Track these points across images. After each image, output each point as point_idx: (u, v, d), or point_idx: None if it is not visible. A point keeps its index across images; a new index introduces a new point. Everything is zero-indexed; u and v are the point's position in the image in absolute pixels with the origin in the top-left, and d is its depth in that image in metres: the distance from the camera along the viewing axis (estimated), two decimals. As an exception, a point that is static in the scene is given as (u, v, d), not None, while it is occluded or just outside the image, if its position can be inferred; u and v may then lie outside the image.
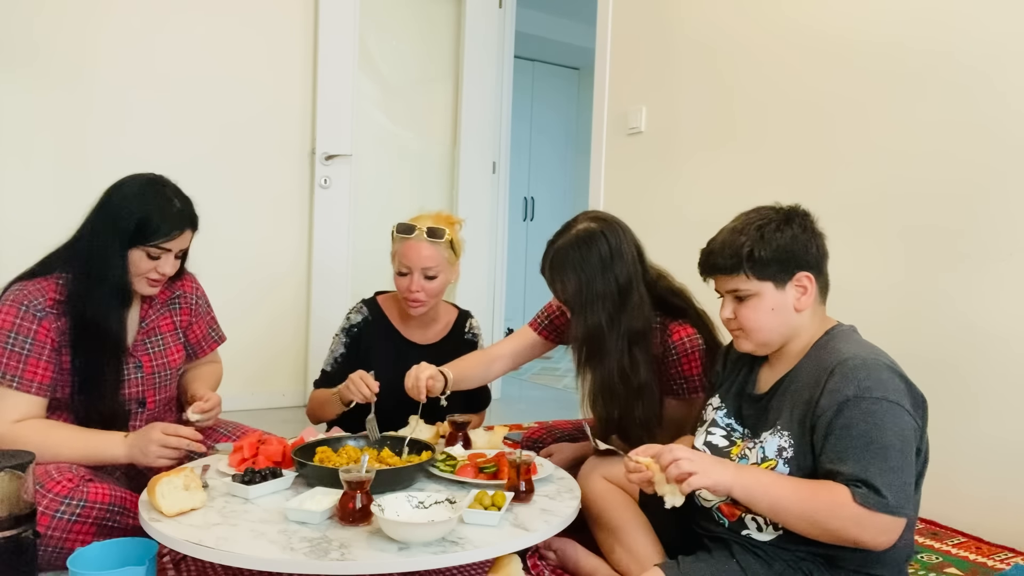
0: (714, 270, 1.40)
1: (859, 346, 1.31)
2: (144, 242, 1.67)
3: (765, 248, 1.34)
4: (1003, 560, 1.85)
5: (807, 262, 1.36)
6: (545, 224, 6.50)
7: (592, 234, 1.75)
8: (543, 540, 1.46)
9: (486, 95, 3.96)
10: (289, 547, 1.25)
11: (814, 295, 1.37)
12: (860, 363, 1.25)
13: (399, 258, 2.11)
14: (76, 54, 2.99)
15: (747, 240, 1.35)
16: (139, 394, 1.80)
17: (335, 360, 2.23)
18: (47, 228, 1.80)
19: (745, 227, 1.37)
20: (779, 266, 1.35)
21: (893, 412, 1.21)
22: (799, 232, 1.36)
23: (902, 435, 1.20)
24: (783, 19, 2.59)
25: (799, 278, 1.35)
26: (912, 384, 1.28)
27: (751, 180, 2.65)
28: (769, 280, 1.35)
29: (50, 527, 1.47)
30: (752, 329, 1.39)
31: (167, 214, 1.68)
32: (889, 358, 1.31)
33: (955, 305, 2.09)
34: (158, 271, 1.72)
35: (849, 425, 1.21)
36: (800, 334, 1.39)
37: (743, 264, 1.35)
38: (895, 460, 1.19)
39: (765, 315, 1.36)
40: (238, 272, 3.31)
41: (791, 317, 1.37)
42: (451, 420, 1.87)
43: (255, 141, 3.38)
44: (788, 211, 1.40)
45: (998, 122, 2.01)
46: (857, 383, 1.23)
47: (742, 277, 1.36)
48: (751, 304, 1.37)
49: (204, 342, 1.99)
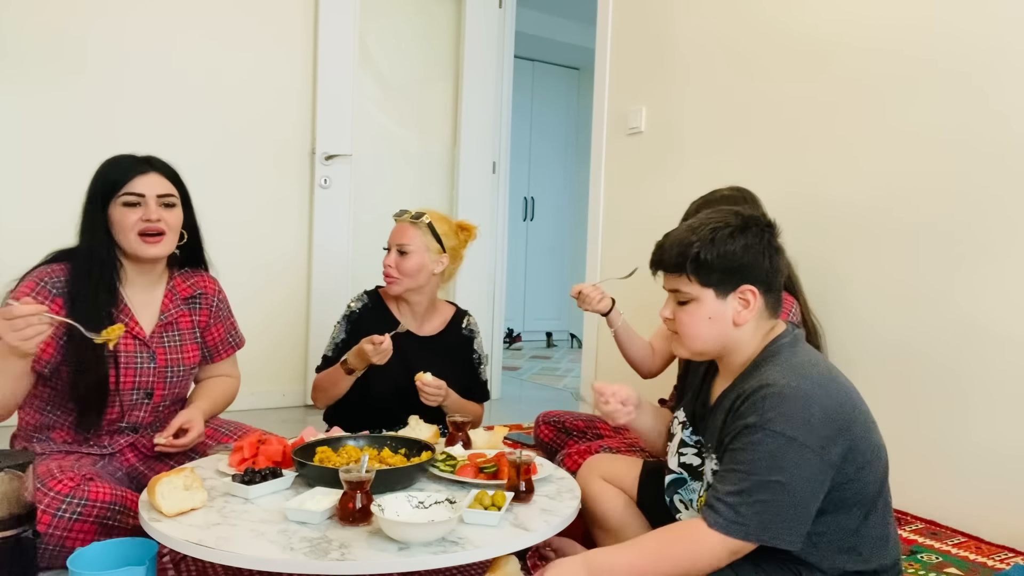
0: (660, 266, 1.36)
1: (787, 371, 1.24)
2: (114, 192, 1.72)
3: (713, 253, 1.28)
4: (1003, 560, 1.85)
5: (755, 275, 1.29)
6: (545, 224, 6.50)
7: (735, 197, 2.03)
8: (543, 540, 1.46)
9: (486, 95, 3.96)
10: (289, 547, 1.25)
11: (757, 311, 1.30)
12: (773, 392, 1.19)
13: (390, 238, 2.28)
14: (75, 55, 2.99)
15: (697, 241, 1.29)
16: (148, 385, 1.80)
17: (336, 345, 2.28)
18: (47, 229, 1.81)
19: (700, 227, 1.31)
20: (724, 275, 1.29)
21: (787, 449, 1.16)
22: (753, 242, 1.29)
23: (789, 472, 1.15)
24: (783, 20, 2.59)
25: (743, 291, 1.30)
26: (842, 413, 1.21)
27: (751, 180, 2.64)
28: (711, 287, 1.30)
29: (51, 526, 1.47)
30: (686, 335, 1.34)
31: (125, 160, 1.77)
32: (823, 380, 1.23)
33: (954, 304, 2.09)
34: (144, 219, 1.72)
35: (740, 450, 1.19)
36: (740, 348, 1.33)
37: (687, 266, 1.30)
38: (767, 494, 1.15)
39: (701, 323, 1.31)
40: (238, 272, 3.29)
41: (728, 329, 1.31)
42: (451, 420, 1.87)
43: (255, 141, 3.38)
44: (748, 218, 1.32)
45: (999, 122, 2.01)
46: (761, 413, 1.18)
47: (684, 279, 1.31)
48: (689, 309, 1.32)
49: (221, 346, 1.99)
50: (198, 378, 2.00)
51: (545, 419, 2.40)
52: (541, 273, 6.51)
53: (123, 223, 1.72)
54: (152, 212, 1.73)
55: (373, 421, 2.14)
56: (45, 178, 2.95)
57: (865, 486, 1.25)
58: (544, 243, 6.51)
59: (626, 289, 2.13)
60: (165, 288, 1.86)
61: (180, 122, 3.20)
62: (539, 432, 2.40)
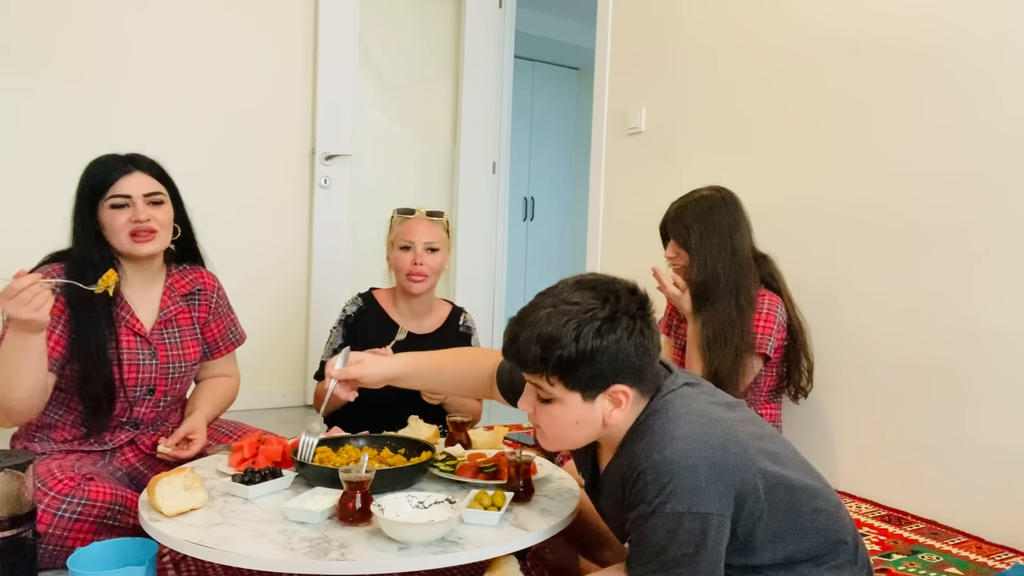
0: (516, 360, 1.19)
1: (660, 440, 1.14)
2: (101, 194, 1.72)
3: (577, 355, 1.12)
4: (1003, 560, 1.85)
5: (627, 373, 1.16)
6: (545, 224, 6.50)
7: (714, 197, 2.13)
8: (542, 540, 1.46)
9: (486, 95, 3.96)
10: (289, 547, 1.25)
11: (630, 406, 1.19)
12: (651, 478, 1.11)
13: (401, 235, 2.23)
14: (75, 55, 2.99)
15: (560, 341, 1.12)
16: (150, 381, 1.80)
17: (333, 351, 2.28)
18: (47, 229, 1.80)
19: (561, 320, 1.13)
20: (592, 379, 1.15)
21: (683, 524, 1.09)
22: (624, 337, 1.13)
23: (695, 543, 1.10)
24: (782, 19, 2.59)
25: (614, 391, 1.16)
26: (727, 459, 1.13)
27: (751, 180, 2.65)
28: (577, 391, 1.16)
29: (51, 525, 1.48)
30: (550, 436, 1.24)
31: (108, 163, 1.76)
32: (697, 433, 1.14)
33: (955, 305, 2.09)
34: (133, 220, 1.72)
35: (644, 536, 1.13)
36: (614, 434, 1.22)
37: (548, 368, 1.14)
38: (683, 568, 1.11)
39: (567, 426, 1.19)
40: (237, 272, 3.28)
41: (597, 428, 1.20)
42: (451, 420, 1.87)
43: (255, 141, 3.38)
44: (616, 305, 1.15)
45: (1001, 121, 2.01)
46: (649, 500, 1.11)
47: (544, 380, 1.16)
48: (552, 410, 1.19)
49: (221, 342, 1.99)
50: (198, 377, 2.00)
51: None
52: (541, 273, 6.50)
53: (113, 225, 1.72)
54: (140, 212, 1.73)
55: (373, 421, 2.14)
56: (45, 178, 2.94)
57: (781, 508, 1.19)
58: (544, 243, 6.51)
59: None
60: (163, 285, 1.87)
61: (180, 122, 3.19)
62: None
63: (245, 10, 3.34)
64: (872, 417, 2.27)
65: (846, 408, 2.33)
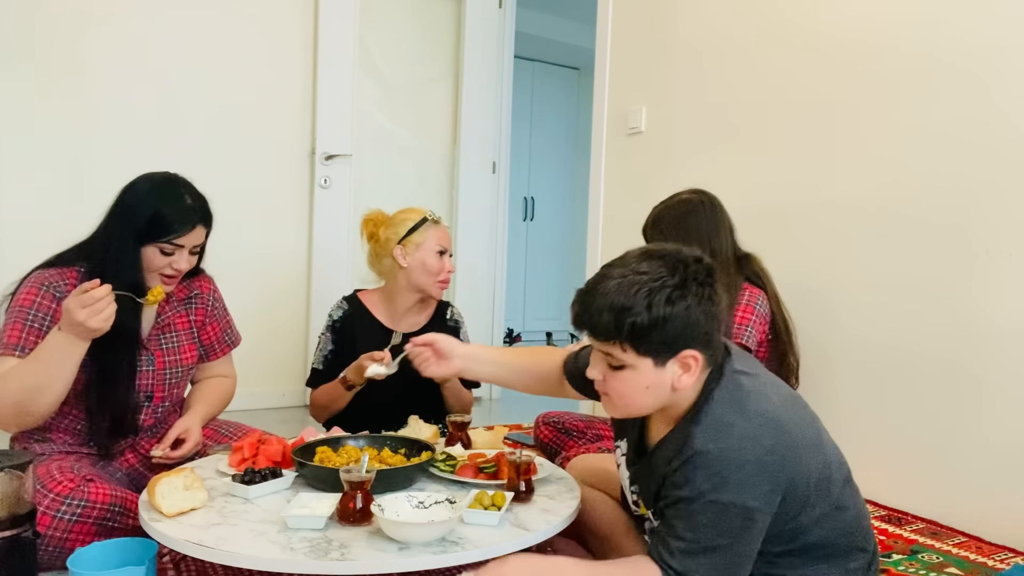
0: (586, 328, 1.22)
1: (719, 427, 1.18)
2: (157, 238, 1.69)
3: (650, 321, 1.15)
4: (1003, 560, 1.85)
5: (696, 338, 1.18)
6: (545, 224, 6.50)
7: (692, 201, 2.07)
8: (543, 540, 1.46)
9: (486, 95, 3.96)
10: (289, 547, 1.25)
11: (699, 372, 1.21)
12: (703, 462, 1.15)
13: (436, 240, 2.24)
14: (76, 54, 2.99)
15: (632, 308, 1.15)
16: (148, 388, 1.80)
17: (325, 357, 2.28)
18: (48, 230, 1.81)
19: (632, 289, 1.16)
20: (663, 344, 1.17)
21: (726, 514, 1.13)
22: (694, 304, 1.16)
23: (733, 534, 1.14)
24: (782, 19, 2.59)
25: (684, 356, 1.19)
26: (776, 459, 1.15)
27: (751, 180, 2.65)
28: (649, 357, 1.18)
29: (51, 527, 1.47)
30: (619, 403, 1.25)
31: (179, 210, 1.70)
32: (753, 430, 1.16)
33: (955, 304, 2.09)
34: (172, 267, 1.73)
35: (680, 519, 1.17)
36: (679, 403, 1.25)
37: (622, 335, 1.16)
38: (718, 557, 1.14)
39: (637, 391, 1.21)
40: (237, 272, 3.30)
41: (666, 394, 1.22)
42: (451, 420, 1.87)
43: (255, 141, 3.38)
44: (685, 272, 1.18)
45: (1003, 120, 2.01)
46: (693, 484, 1.15)
47: (617, 347, 1.18)
48: (623, 376, 1.21)
49: (217, 344, 1.98)
50: (195, 379, 2.00)
51: (545, 420, 2.40)
52: (541, 273, 6.50)
53: (152, 263, 1.71)
54: (183, 263, 1.74)
55: (373, 421, 2.14)
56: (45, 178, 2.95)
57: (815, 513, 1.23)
58: (544, 243, 6.51)
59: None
60: None
61: (180, 122, 3.19)
62: (539, 433, 2.40)
63: (245, 10, 3.34)
64: (872, 417, 2.27)
65: (845, 407, 2.33)
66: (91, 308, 1.45)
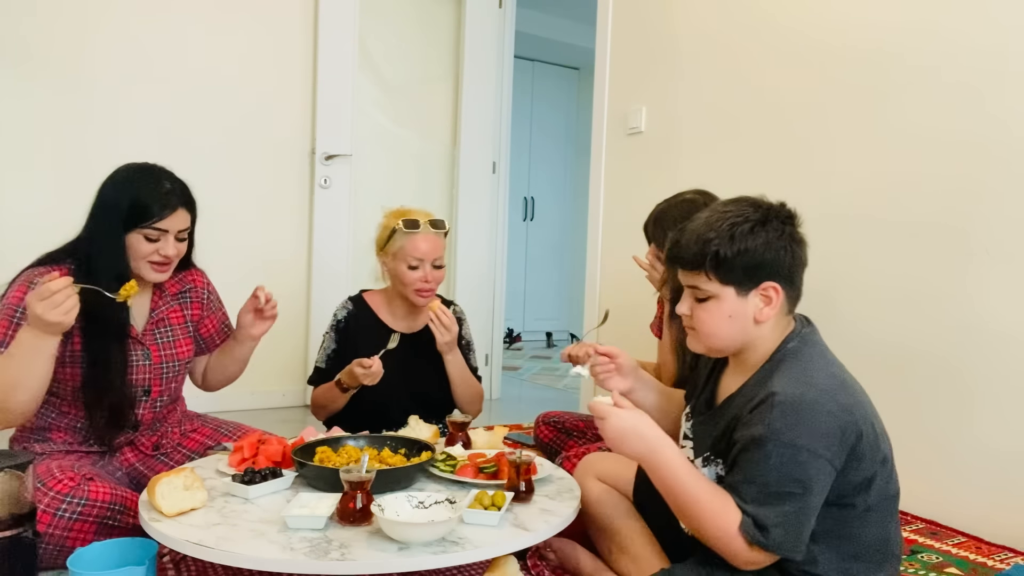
0: (676, 262, 1.32)
1: (795, 378, 1.22)
2: (138, 223, 1.69)
3: (733, 250, 1.24)
4: (1003, 560, 1.85)
5: (777, 271, 1.26)
6: (545, 224, 6.50)
7: (696, 201, 1.96)
8: (543, 540, 1.46)
9: (486, 95, 3.96)
10: (289, 547, 1.25)
11: (779, 307, 1.27)
12: (780, 402, 1.18)
13: (408, 252, 2.16)
14: (75, 54, 2.99)
15: (715, 238, 1.25)
16: (145, 382, 1.81)
17: (327, 356, 2.29)
18: (47, 229, 1.81)
19: (718, 222, 1.26)
20: (745, 272, 1.25)
21: (798, 458, 1.16)
22: (774, 238, 1.25)
23: (804, 482, 1.16)
24: (783, 20, 2.59)
25: (765, 288, 1.26)
26: (851, 419, 1.20)
27: (751, 180, 2.64)
28: (732, 285, 1.26)
29: (51, 525, 1.48)
30: (704, 332, 1.31)
31: (158, 194, 1.71)
32: (831, 386, 1.22)
33: (954, 303, 2.09)
34: (160, 253, 1.73)
35: (751, 463, 1.19)
36: (758, 345, 1.30)
37: (706, 263, 1.26)
38: (789, 505, 1.16)
39: (721, 321, 1.28)
40: (237, 272, 3.27)
41: (749, 327, 1.28)
42: (451, 420, 1.87)
43: (255, 141, 3.38)
44: (768, 210, 1.28)
45: (1002, 123, 2.01)
46: (769, 424, 1.17)
47: (703, 276, 1.27)
48: (708, 306, 1.29)
49: (217, 336, 2.01)
50: (198, 371, 2.02)
51: (545, 420, 2.39)
52: (541, 273, 6.51)
53: (138, 251, 1.72)
54: (170, 248, 1.74)
55: (373, 421, 2.14)
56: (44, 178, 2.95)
57: (867, 486, 1.26)
58: (544, 243, 6.52)
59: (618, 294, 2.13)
60: (153, 287, 1.86)
61: (180, 122, 3.19)
62: (539, 432, 2.40)
63: (245, 10, 3.34)
64: (872, 417, 2.27)
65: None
66: (48, 301, 1.44)
